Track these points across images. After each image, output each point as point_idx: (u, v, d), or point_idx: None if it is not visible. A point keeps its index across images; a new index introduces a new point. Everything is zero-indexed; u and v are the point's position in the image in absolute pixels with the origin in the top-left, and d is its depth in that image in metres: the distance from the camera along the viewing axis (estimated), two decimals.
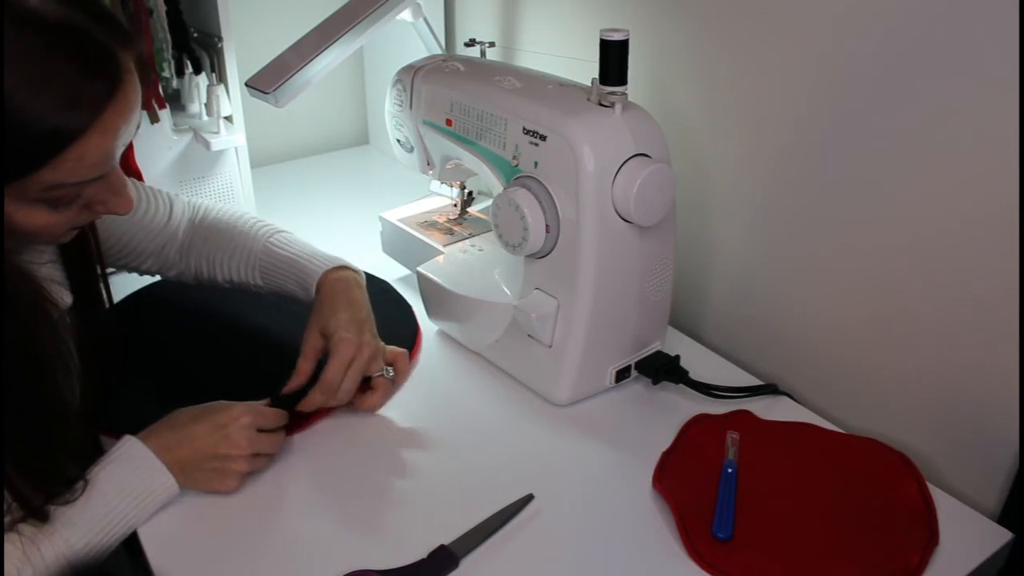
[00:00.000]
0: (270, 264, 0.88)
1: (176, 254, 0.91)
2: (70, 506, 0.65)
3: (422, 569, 0.67)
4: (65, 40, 0.54)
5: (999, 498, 0.75)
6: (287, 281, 0.87)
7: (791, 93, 0.84)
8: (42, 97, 0.54)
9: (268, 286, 0.89)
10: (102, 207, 0.64)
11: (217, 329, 0.96)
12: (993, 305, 0.72)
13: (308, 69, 0.92)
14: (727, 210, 0.95)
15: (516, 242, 0.82)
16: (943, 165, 0.73)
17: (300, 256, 0.87)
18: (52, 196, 0.58)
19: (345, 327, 0.80)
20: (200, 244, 0.90)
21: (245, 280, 0.90)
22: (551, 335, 0.84)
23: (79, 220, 0.64)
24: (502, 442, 0.83)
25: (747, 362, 0.96)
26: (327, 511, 0.74)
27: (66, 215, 0.62)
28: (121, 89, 0.58)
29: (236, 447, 0.73)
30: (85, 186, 0.60)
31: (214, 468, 0.73)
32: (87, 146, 0.57)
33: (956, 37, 0.69)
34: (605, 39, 0.78)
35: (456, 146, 0.91)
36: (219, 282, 0.91)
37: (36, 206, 0.59)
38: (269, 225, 0.92)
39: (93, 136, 0.57)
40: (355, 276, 0.87)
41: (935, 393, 0.79)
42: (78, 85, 0.55)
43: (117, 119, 0.58)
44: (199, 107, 1.15)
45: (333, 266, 0.86)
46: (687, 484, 0.75)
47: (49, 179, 0.57)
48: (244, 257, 0.89)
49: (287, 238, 0.90)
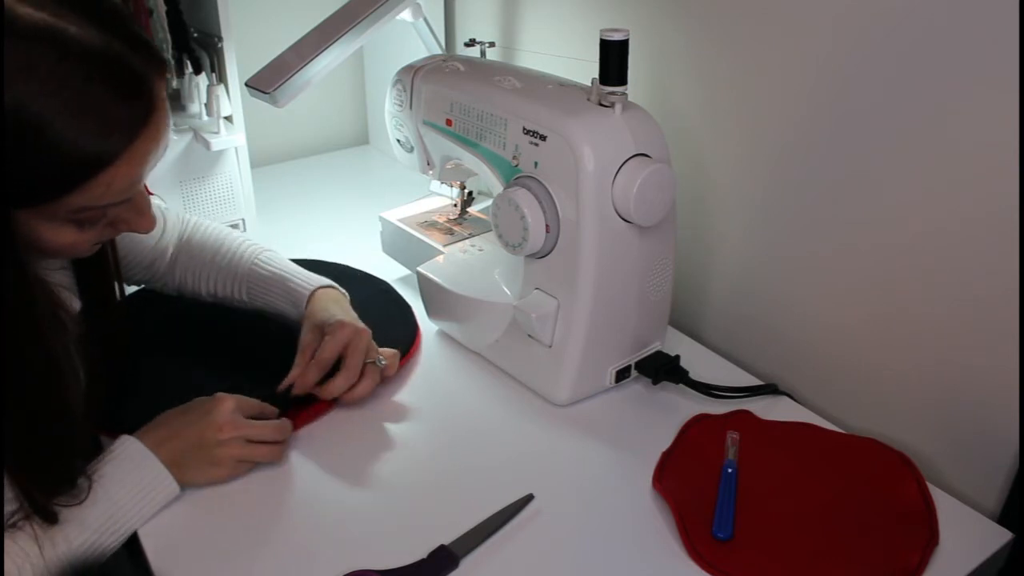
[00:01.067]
0: (258, 281, 0.91)
1: (164, 268, 0.93)
2: (77, 506, 0.65)
3: (422, 569, 0.67)
4: (104, 68, 0.55)
5: (999, 498, 0.75)
6: (275, 298, 0.90)
7: (791, 93, 0.84)
8: (78, 124, 0.54)
9: (253, 303, 0.92)
10: (125, 226, 0.66)
11: (211, 327, 0.96)
12: (993, 305, 0.72)
13: (308, 69, 0.92)
14: (727, 210, 0.95)
15: (516, 242, 0.82)
16: (943, 165, 0.73)
17: (288, 274, 0.90)
18: (79, 217, 0.60)
19: (342, 316, 0.84)
20: (186, 260, 0.93)
21: (230, 296, 0.92)
22: (551, 335, 0.84)
23: (103, 237, 0.66)
24: (502, 442, 0.83)
25: (747, 362, 0.96)
26: (327, 511, 0.74)
27: (92, 233, 0.63)
28: (154, 116, 0.59)
29: (220, 430, 0.74)
30: (112, 208, 0.62)
31: (205, 457, 0.74)
32: (117, 172, 0.58)
33: (956, 37, 0.69)
34: (605, 39, 0.78)
35: (456, 146, 0.91)
36: (203, 296, 0.94)
37: (64, 225, 0.60)
38: (255, 244, 0.94)
39: (124, 163, 0.58)
40: (342, 296, 0.91)
41: (935, 393, 0.79)
42: (114, 113, 0.56)
43: (148, 145, 0.59)
44: (199, 107, 1.15)
45: (321, 285, 0.90)
46: (687, 484, 0.75)
47: (77, 203, 0.58)
48: (231, 274, 0.91)
49: (273, 256, 0.93)
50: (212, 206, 1.20)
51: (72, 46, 0.54)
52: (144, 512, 0.70)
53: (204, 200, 1.19)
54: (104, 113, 0.55)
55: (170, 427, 0.74)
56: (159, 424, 0.74)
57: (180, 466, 0.72)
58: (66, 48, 0.53)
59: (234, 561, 0.69)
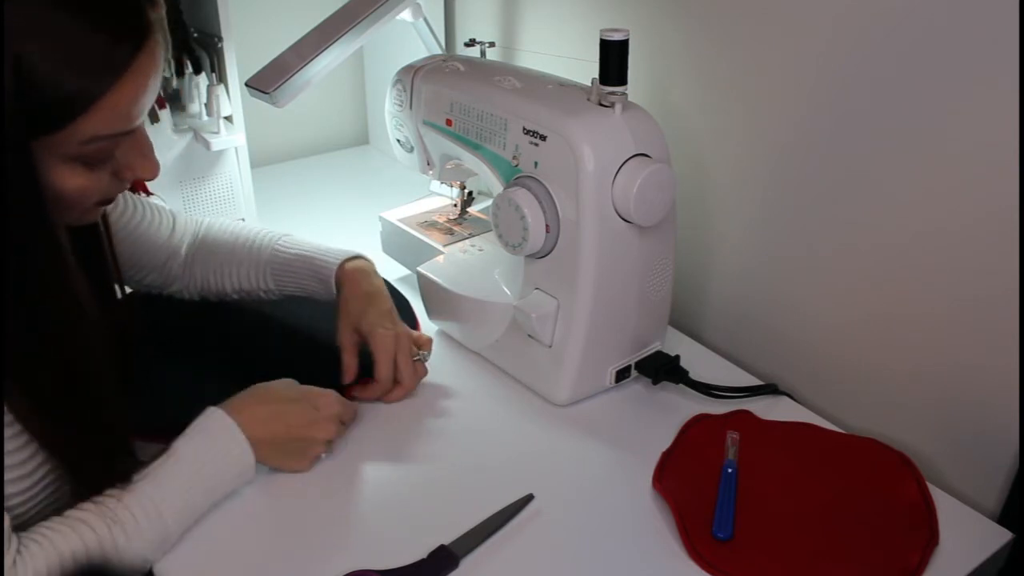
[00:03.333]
0: (283, 264, 0.90)
1: (179, 268, 0.93)
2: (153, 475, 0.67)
3: (422, 569, 0.67)
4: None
5: (999, 498, 0.75)
6: (303, 279, 0.90)
7: (791, 93, 0.84)
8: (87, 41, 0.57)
9: (280, 288, 0.92)
10: (130, 172, 0.66)
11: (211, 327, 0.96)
12: (993, 305, 0.72)
13: (308, 69, 0.92)
14: (727, 210, 0.95)
15: (516, 242, 0.82)
16: (943, 165, 0.73)
17: (313, 253, 0.90)
18: (89, 151, 0.60)
19: (379, 322, 0.85)
20: (206, 256, 0.92)
21: (255, 286, 0.92)
22: (551, 335, 0.84)
23: (110, 190, 0.66)
24: (502, 442, 0.83)
25: (747, 362, 0.96)
26: (327, 511, 0.74)
27: (100, 179, 0.63)
28: (151, 40, 0.61)
29: (325, 432, 0.77)
30: (119, 141, 0.62)
31: (298, 448, 0.76)
32: (122, 93, 0.59)
33: (956, 37, 0.69)
34: (605, 39, 0.78)
35: (456, 146, 0.91)
36: (228, 292, 0.93)
37: (73, 166, 0.61)
38: (272, 231, 0.94)
39: (127, 84, 0.59)
40: (370, 264, 0.91)
41: (935, 393, 0.79)
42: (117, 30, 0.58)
43: (148, 68, 0.61)
44: (199, 107, 1.15)
45: (347, 257, 0.89)
46: (687, 484, 0.75)
47: (87, 130, 0.59)
48: (253, 263, 0.91)
49: (293, 239, 0.93)
50: (212, 206, 1.20)
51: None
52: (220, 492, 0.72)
53: (204, 200, 1.19)
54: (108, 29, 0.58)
55: (273, 408, 0.75)
56: (259, 400, 0.75)
57: (270, 447, 0.74)
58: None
59: (234, 561, 0.69)
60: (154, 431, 0.75)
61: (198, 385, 0.87)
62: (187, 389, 0.86)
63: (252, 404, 0.75)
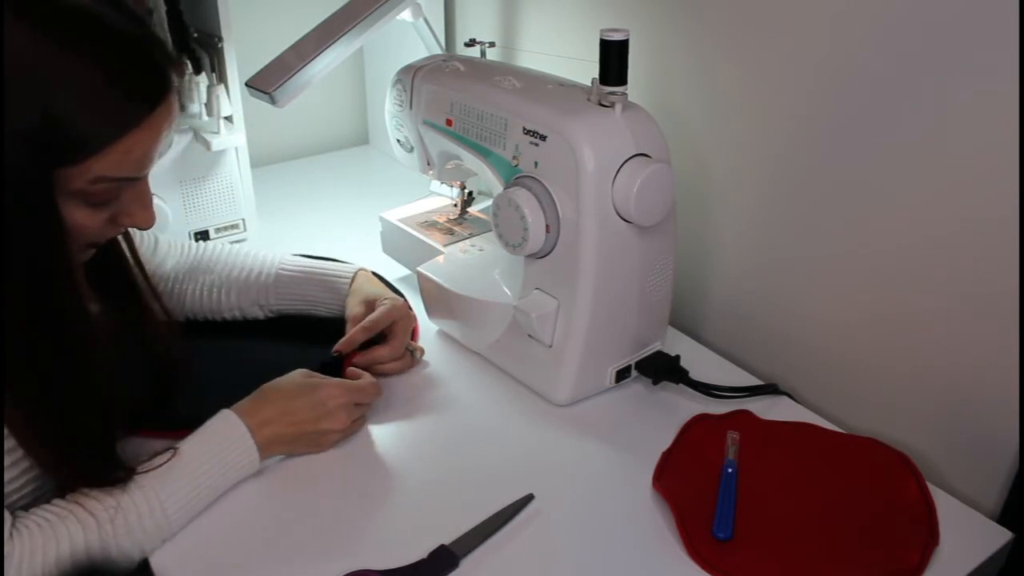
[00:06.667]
0: (287, 281, 0.94)
1: (165, 289, 0.93)
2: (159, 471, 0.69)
3: (422, 569, 0.67)
4: (133, 45, 0.62)
5: (999, 498, 0.75)
6: (312, 290, 0.94)
7: (791, 93, 0.84)
8: (110, 88, 0.59)
9: (286, 305, 0.95)
10: (128, 219, 0.68)
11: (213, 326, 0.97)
12: (993, 305, 0.72)
13: (308, 69, 0.92)
14: (727, 210, 0.95)
15: (516, 242, 0.82)
16: (943, 165, 0.73)
17: (321, 268, 0.95)
18: (94, 191, 0.62)
19: (390, 295, 0.92)
20: (199, 276, 0.94)
21: (253, 306, 0.94)
22: (551, 335, 0.84)
23: (104, 233, 0.68)
24: (502, 442, 0.83)
25: (747, 362, 0.96)
26: (327, 511, 0.74)
27: (98, 219, 0.65)
28: (170, 95, 0.64)
29: (335, 423, 0.78)
30: (124, 187, 0.64)
31: (311, 441, 0.78)
32: (136, 140, 0.61)
33: (956, 38, 0.69)
34: (605, 39, 0.78)
35: (456, 146, 0.91)
36: (223, 313, 0.95)
37: (77, 202, 0.62)
38: (272, 252, 0.97)
39: (143, 131, 0.62)
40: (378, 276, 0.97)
41: (935, 393, 0.79)
42: (139, 83, 0.61)
43: (163, 120, 0.63)
44: (199, 107, 1.15)
45: (358, 269, 0.96)
46: (687, 484, 0.75)
47: (97, 170, 0.60)
48: (255, 283, 0.94)
49: (296, 258, 0.97)
50: (212, 206, 1.20)
51: (108, 24, 0.60)
52: (223, 485, 0.73)
53: (204, 200, 1.19)
54: (130, 82, 0.61)
55: (279, 407, 0.76)
56: (266, 400, 0.76)
57: (280, 444, 0.76)
58: (103, 25, 0.60)
59: (234, 561, 0.69)
60: (162, 426, 0.76)
61: (205, 379, 0.86)
62: (196, 383, 0.85)
63: (262, 405, 0.76)
